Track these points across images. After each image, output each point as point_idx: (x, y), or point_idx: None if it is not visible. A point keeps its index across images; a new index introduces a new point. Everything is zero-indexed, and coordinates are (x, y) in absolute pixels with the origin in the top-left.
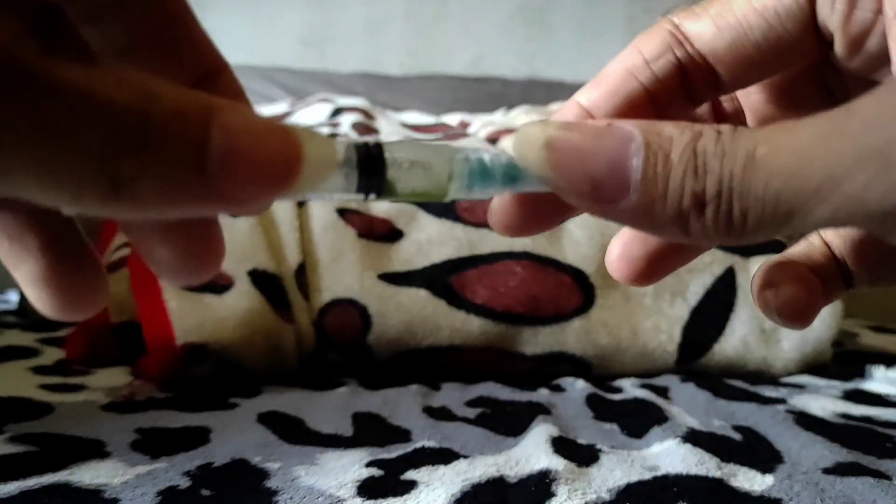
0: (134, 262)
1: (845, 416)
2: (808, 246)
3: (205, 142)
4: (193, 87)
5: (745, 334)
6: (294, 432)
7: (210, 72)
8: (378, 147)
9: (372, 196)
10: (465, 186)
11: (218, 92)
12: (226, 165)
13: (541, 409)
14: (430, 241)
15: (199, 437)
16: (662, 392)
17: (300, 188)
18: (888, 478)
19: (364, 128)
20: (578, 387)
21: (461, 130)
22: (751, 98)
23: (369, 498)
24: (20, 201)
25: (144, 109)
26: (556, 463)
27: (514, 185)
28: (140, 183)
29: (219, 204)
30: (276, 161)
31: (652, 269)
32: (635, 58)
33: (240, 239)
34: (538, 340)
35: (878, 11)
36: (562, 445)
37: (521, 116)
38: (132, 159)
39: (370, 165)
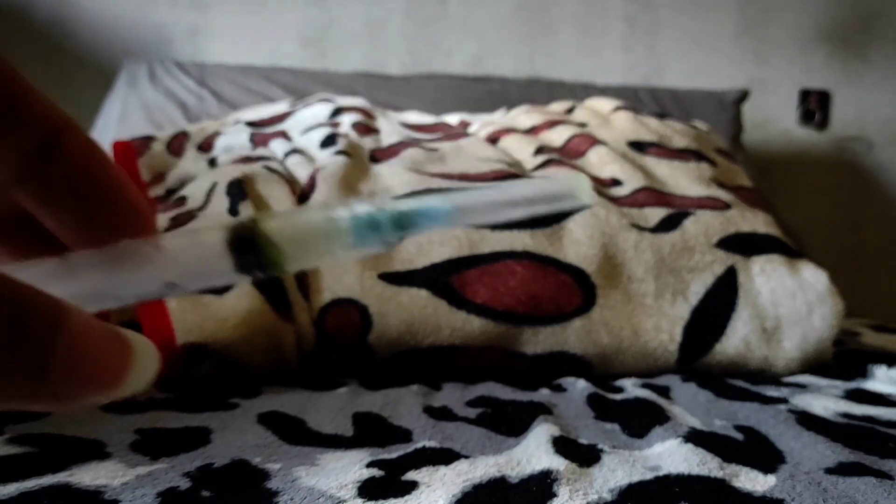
0: None
1: (847, 415)
2: None
3: (51, 347)
4: (35, 153)
5: (747, 334)
6: (294, 433)
7: (52, 133)
8: (252, 224)
9: (258, 274)
10: (353, 245)
11: (65, 153)
12: (67, 373)
13: (542, 409)
14: (431, 240)
15: (199, 437)
16: (664, 392)
17: (122, 392)
18: (891, 478)
19: (364, 127)
20: (579, 387)
21: (462, 130)
22: None
23: (370, 499)
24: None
25: None
26: (558, 463)
27: (408, 231)
28: None
29: (54, 404)
30: (112, 367)
31: None
32: None
33: None
34: (539, 340)
35: None
36: (563, 445)
37: (521, 116)
38: None
39: (245, 246)
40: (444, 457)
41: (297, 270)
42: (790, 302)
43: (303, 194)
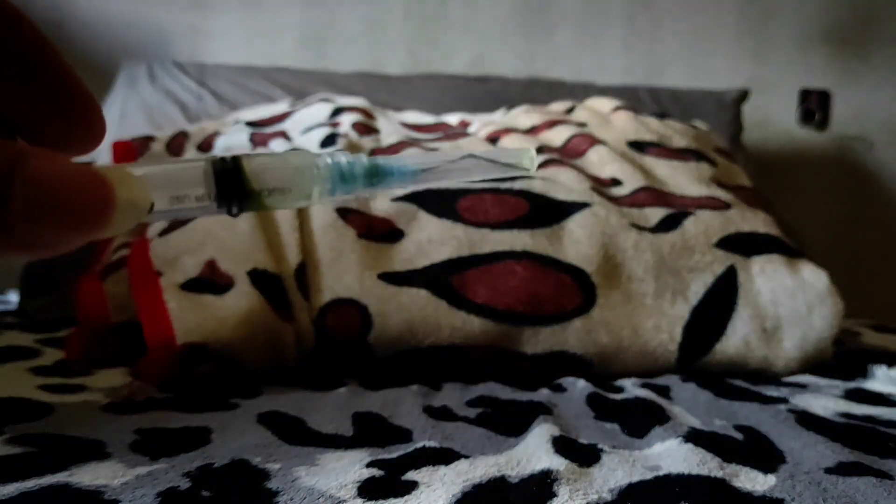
0: (134, 263)
1: (847, 415)
2: None
3: (7, 193)
4: None
5: (747, 334)
6: (294, 433)
7: (6, 24)
8: (235, 161)
9: (234, 210)
10: (328, 190)
11: (18, 48)
12: (30, 213)
13: (542, 409)
14: (431, 240)
15: (199, 437)
16: (664, 392)
17: (113, 229)
18: (890, 477)
19: (364, 127)
20: (579, 386)
21: (461, 130)
22: None
23: (370, 499)
24: None
25: None
26: (558, 463)
27: (376, 186)
28: None
29: (27, 251)
30: (84, 206)
31: None
32: None
33: (240, 239)
34: (539, 340)
35: None
36: (563, 445)
37: (520, 115)
38: None
39: (228, 181)
40: (444, 457)
41: (274, 209)
42: (790, 302)
43: None
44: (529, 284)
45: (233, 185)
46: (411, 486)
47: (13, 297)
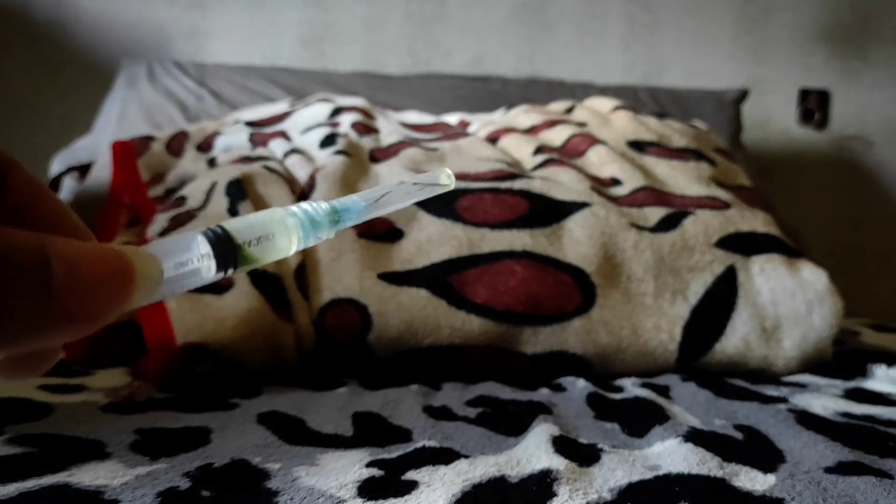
0: None
1: (847, 415)
2: None
3: (47, 268)
4: None
5: (746, 333)
6: (294, 433)
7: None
8: (223, 230)
9: (230, 272)
10: (302, 239)
11: (12, 190)
12: (72, 287)
13: (542, 409)
14: (431, 240)
15: (199, 437)
16: (663, 391)
17: (137, 301)
18: (890, 477)
19: (364, 127)
20: (579, 386)
21: (461, 130)
22: None
23: (370, 499)
24: None
25: None
26: (558, 462)
27: (338, 226)
28: (5, 325)
29: (70, 324)
30: (113, 279)
31: None
32: None
33: None
34: (539, 340)
35: None
36: (563, 445)
37: (520, 115)
38: None
39: (219, 241)
40: (444, 456)
41: (261, 262)
42: (790, 301)
43: (302, 194)
44: (529, 284)
45: (224, 244)
46: (411, 486)
47: None
